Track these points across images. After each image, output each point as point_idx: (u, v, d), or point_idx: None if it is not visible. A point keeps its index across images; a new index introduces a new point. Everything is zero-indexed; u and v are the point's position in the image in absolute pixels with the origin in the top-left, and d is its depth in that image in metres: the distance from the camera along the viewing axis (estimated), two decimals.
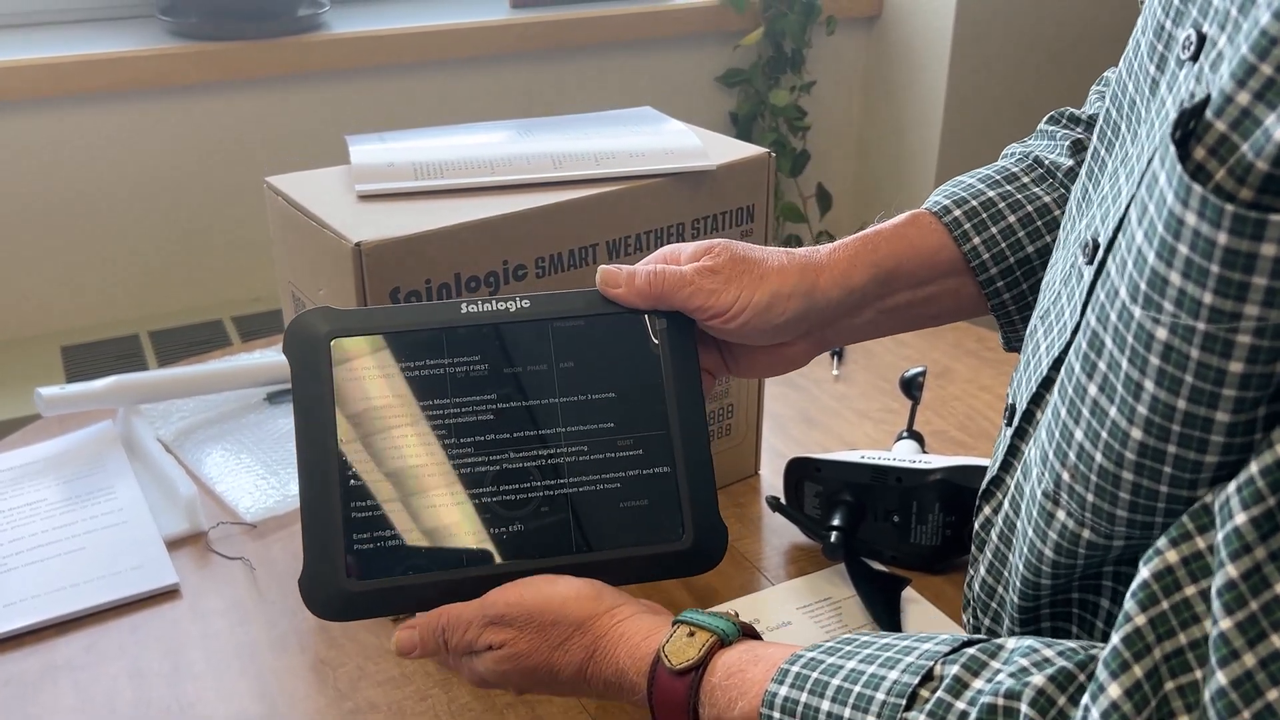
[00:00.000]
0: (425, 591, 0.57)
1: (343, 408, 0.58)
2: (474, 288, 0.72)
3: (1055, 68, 2.02)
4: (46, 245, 1.60)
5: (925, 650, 0.47)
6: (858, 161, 2.19)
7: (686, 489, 0.59)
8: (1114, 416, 0.42)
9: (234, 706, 0.70)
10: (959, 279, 0.69)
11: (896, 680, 0.46)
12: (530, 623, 0.55)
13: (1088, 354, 0.44)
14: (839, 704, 0.47)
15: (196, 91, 1.62)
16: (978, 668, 0.45)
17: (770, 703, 0.49)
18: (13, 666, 0.73)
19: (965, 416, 1.00)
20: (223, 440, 0.97)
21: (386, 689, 0.71)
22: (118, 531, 0.85)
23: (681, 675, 0.52)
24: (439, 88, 1.77)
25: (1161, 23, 0.49)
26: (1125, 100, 0.54)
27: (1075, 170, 0.70)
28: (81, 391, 0.95)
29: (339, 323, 0.59)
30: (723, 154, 0.80)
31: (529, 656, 0.56)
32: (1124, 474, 0.42)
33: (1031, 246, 0.69)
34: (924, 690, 0.45)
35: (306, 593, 0.56)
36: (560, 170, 0.77)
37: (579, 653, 0.55)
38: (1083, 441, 0.44)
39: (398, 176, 0.76)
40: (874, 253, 0.67)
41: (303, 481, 0.57)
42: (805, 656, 0.50)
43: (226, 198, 1.67)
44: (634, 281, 0.62)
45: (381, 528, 0.57)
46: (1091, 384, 0.43)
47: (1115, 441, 0.42)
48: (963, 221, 0.69)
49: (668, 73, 1.94)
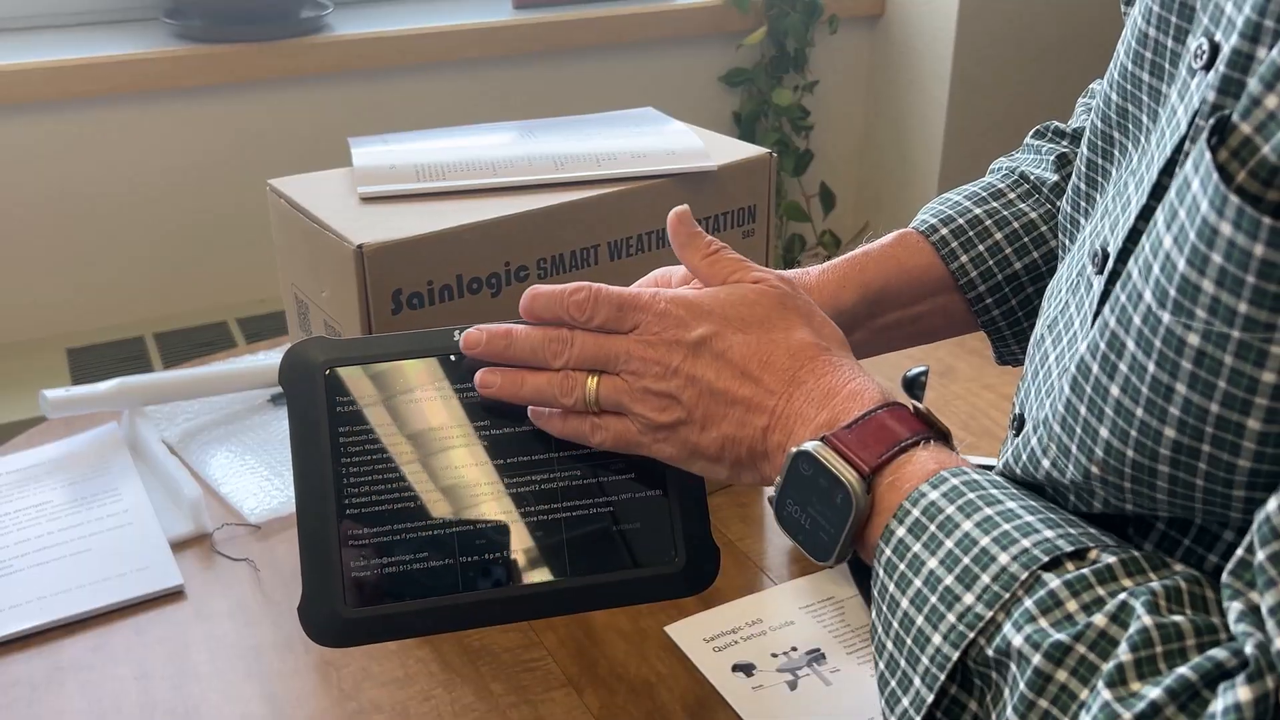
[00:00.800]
0: (423, 618, 0.57)
1: (338, 437, 0.58)
2: (476, 290, 0.72)
3: (1058, 66, 2.02)
4: (51, 248, 1.60)
5: (1043, 540, 0.44)
6: (861, 161, 2.19)
7: (678, 510, 0.60)
8: (1142, 417, 0.42)
9: (239, 709, 0.70)
10: (948, 297, 0.69)
11: (1005, 568, 0.43)
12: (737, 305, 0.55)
13: (1107, 355, 0.43)
14: (946, 569, 0.45)
15: (200, 94, 1.62)
16: (1081, 588, 0.42)
17: (887, 539, 0.48)
18: (19, 668, 0.74)
19: (968, 415, 1.00)
20: (227, 442, 0.97)
21: (390, 689, 0.71)
22: (123, 533, 0.85)
23: (918, 420, 0.51)
24: (441, 89, 1.77)
25: (1145, 33, 0.49)
26: (1113, 111, 0.54)
27: (1061, 185, 0.70)
28: (86, 394, 0.95)
29: (334, 352, 0.60)
30: (724, 154, 0.80)
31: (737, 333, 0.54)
32: (1160, 467, 0.42)
33: (1019, 263, 0.69)
34: (1023, 594, 0.43)
35: (305, 620, 0.57)
36: (562, 171, 0.77)
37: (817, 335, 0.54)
38: (1109, 439, 0.44)
39: (400, 179, 0.76)
40: (862, 273, 0.67)
41: (300, 509, 0.58)
42: (928, 499, 0.47)
43: (231, 199, 1.67)
44: None
45: (378, 554, 0.57)
46: (1113, 385, 0.43)
47: (1148, 439, 0.42)
48: (949, 240, 0.69)
49: (670, 73, 1.95)
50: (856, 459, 0.49)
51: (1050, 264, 0.69)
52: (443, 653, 0.74)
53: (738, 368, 0.54)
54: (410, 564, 0.57)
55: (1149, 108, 0.51)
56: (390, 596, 0.57)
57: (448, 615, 0.57)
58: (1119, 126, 0.54)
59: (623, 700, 0.70)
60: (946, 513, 0.46)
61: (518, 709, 0.69)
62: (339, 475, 0.58)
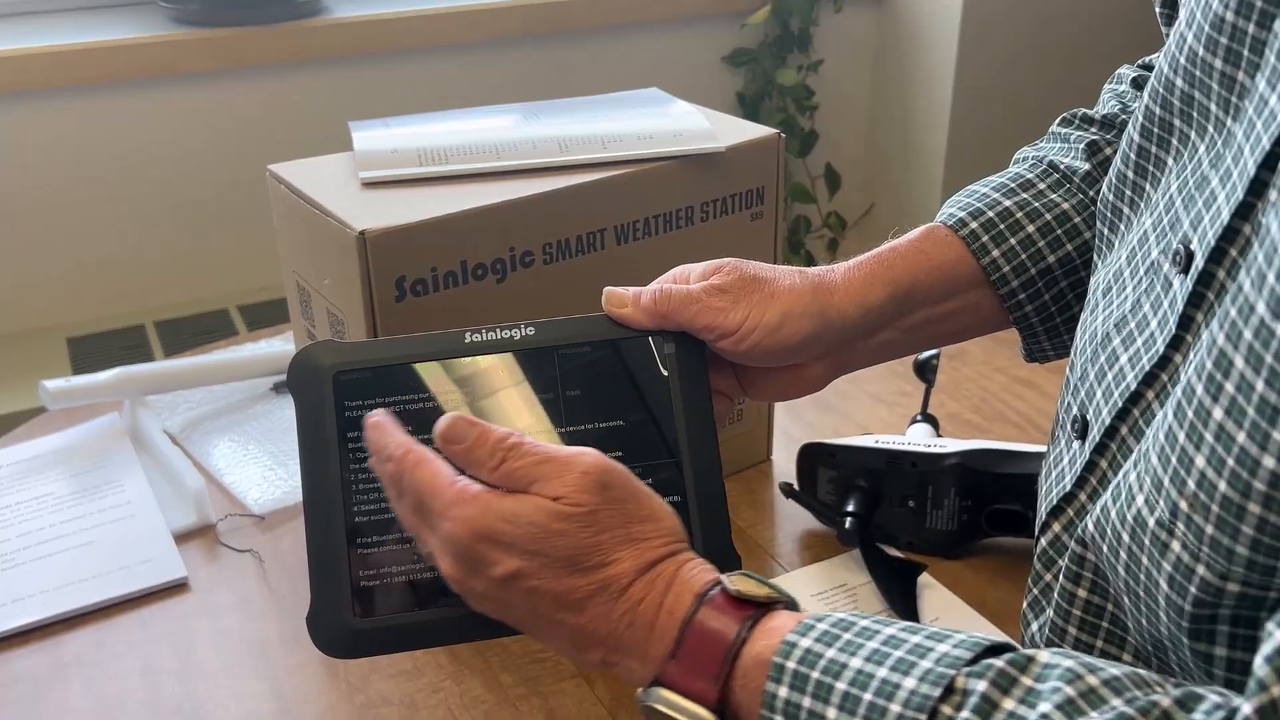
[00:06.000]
0: (434, 628, 0.56)
1: (346, 443, 0.57)
2: (481, 275, 0.70)
3: (1065, 47, 2.00)
4: (50, 237, 1.59)
5: (943, 654, 0.42)
6: (866, 141, 2.18)
7: (698, 518, 0.58)
8: (1243, 443, 0.39)
9: (246, 705, 0.69)
10: (979, 293, 0.67)
11: (914, 691, 0.41)
12: (605, 492, 0.49)
13: (1213, 375, 0.40)
14: (848, 713, 0.42)
15: (199, 79, 1.61)
16: (1007, 684, 0.41)
17: (770, 704, 0.44)
18: (22, 663, 0.73)
19: (979, 399, 0.99)
20: (230, 431, 0.96)
21: (398, 682, 0.70)
22: (125, 525, 0.84)
23: (739, 605, 0.47)
24: (443, 72, 1.76)
25: (1222, 16, 0.46)
26: (1175, 98, 0.51)
27: (1093, 174, 0.68)
28: (86, 384, 0.94)
29: (342, 356, 0.59)
30: (732, 135, 0.79)
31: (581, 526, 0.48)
32: (1250, 506, 0.39)
33: (1052, 256, 0.66)
34: (945, 706, 0.41)
35: (314, 630, 0.55)
36: (567, 154, 0.75)
37: (635, 554, 0.49)
38: (1204, 469, 0.40)
39: (402, 163, 0.75)
40: (890, 270, 0.65)
41: (308, 518, 0.56)
42: (801, 647, 0.45)
43: (231, 186, 1.66)
44: (640, 301, 0.60)
45: (387, 564, 0.56)
46: (1217, 407, 0.40)
47: (1243, 470, 0.39)
48: (980, 234, 0.67)
49: (674, 53, 1.93)
50: (697, 692, 0.46)
51: (1085, 256, 0.67)
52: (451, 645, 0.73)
53: (556, 607, 0.50)
54: (421, 573, 0.56)
55: (1219, 96, 0.48)
56: (400, 607, 0.56)
57: (460, 626, 0.56)
58: (1181, 114, 0.51)
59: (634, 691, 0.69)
60: (828, 656, 0.44)
61: (527, 701, 0.68)
62: (347, 482, 0.56)
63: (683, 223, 0.78)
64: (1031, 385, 1.00)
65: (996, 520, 0.78)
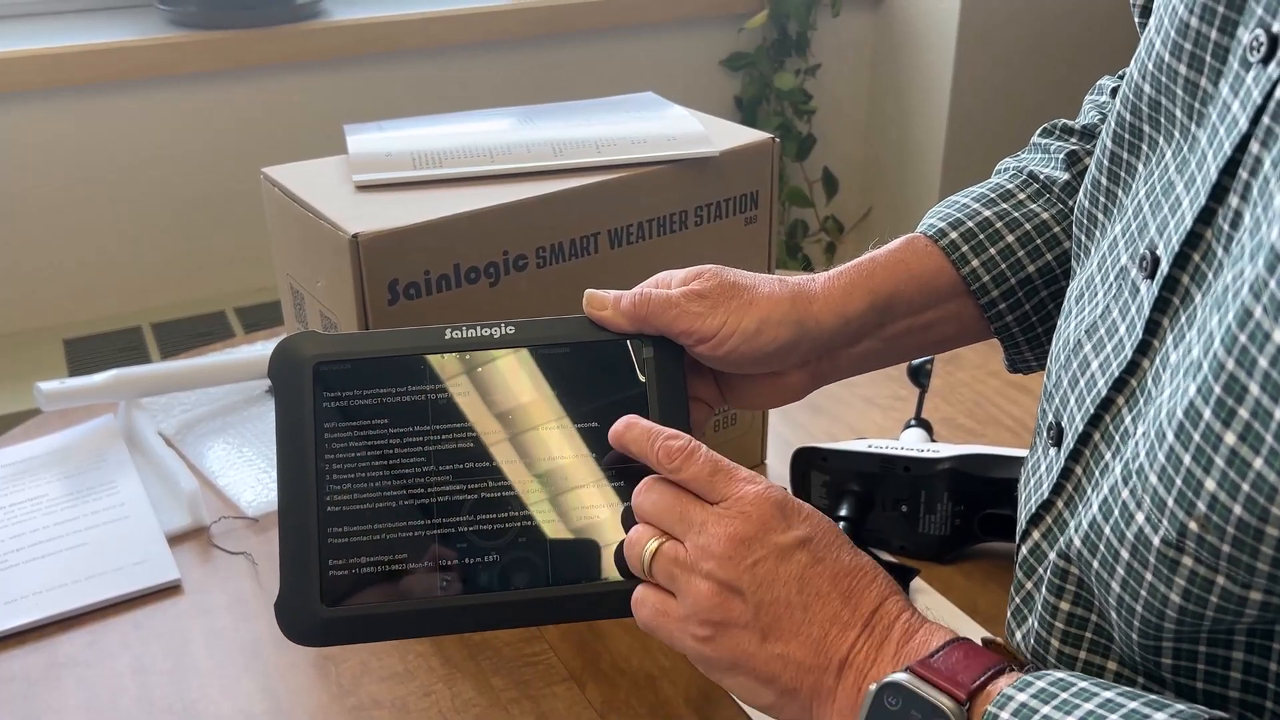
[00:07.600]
0: (402, 620, 0.56)
1: (323, 433, 0.57)
2: (474, 279, 0.71)
3: (1062, 51, 2.00)
4: (47, 238, 1.59)
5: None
6: (864, 145, 2.18)
7: None
8: (1260, 469, 0.38)
9: (238, 704, 0.69)
10: (960, 303, 0.67)
11: None
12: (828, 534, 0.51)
13: (1223, 399, 0.39)
14: None
15: (195, 81, 1.61)
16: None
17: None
18: (15, 664, 0.73)
19: (973, 403, 0.99)
20: (224, 433, 0.96)
21: (390, 684, 0.70)
22: (119, 527, 0.84)
23: (991, 654, 0.47)
24: (438, 75, 1.76)
25: (1188, 23, 0.46)
26: (1144, 104, 0.51)
27: (1072, 184, 0.68)
28: (81, 386, 0.94)
29: (325, 348, 0.59)
30: (726, 139, 0.79)
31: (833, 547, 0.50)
32: (1269, 529, 0.38)
33: (1032, 266, 0.67)
34: None
35: (281, 617, 0.56)
36: (561, 158, 0.76)
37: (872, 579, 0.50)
38: (1216, 492, 0.40)
39: (396, 166, 0.75)
40: (869, 280, 0.65)
41: (281, 505, 0.57)
42: (1017, 700, 0.43)
43: (229, 188, 1.66)
44: (620, 304, 0.61)
45: (357, 554, 0.56)
46: (1229, 433, 0.39)
47: (1260, 496, 0.38)
48: (960, 244, 0.67)
49: (671, 57, 1.93)
50: (949, 687, 0.45)
51: (1064, 265, 0.67)
52: (443, 647, 0.73)
53: (833, 582, 0.50)
54: (390, 565, 0.56)
55: (1184, 102, 0.48)
56: (369, 597, 0.56)
57: (428, 619, 0.56)
58: (1150, 120, 0.51)
59: (625, 694, 0.69)
60: (1042, 713, 0.43)
61: (519, 704, 0.68)
62: (321, 472, 0.57)
63: (677, 227, 0.78)
64: (1026, 390, 1.01)
65: (989, 525, 0.78)
